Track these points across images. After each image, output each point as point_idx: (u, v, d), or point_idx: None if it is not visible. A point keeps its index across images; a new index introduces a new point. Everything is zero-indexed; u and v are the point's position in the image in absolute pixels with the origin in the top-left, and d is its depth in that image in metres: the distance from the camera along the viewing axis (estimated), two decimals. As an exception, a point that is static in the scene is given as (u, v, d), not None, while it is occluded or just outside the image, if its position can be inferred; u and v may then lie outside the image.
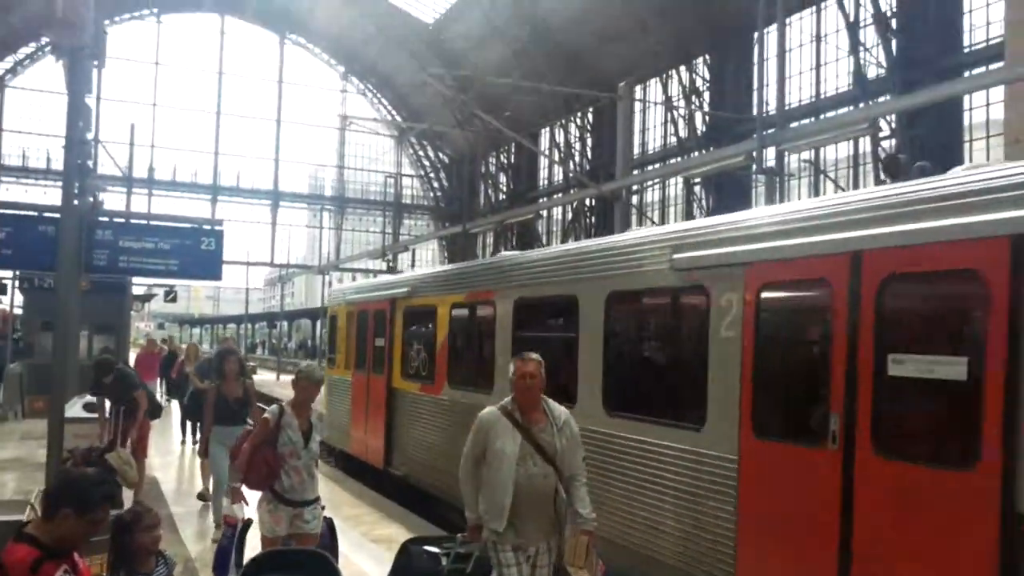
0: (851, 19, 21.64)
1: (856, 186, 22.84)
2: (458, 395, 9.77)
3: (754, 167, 13.29)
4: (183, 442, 14.51)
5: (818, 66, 23.95)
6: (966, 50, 20.36)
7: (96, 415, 9.17)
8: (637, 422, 6.56)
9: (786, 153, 14.25)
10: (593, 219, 33.93)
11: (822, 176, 23.19)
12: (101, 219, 11.63)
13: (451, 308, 10.23)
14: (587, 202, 32.63)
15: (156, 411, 10.42)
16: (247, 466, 5.64)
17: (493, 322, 9.01)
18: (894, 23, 20.67)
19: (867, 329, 4.65)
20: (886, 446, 4.53)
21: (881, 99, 20.51)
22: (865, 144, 21.20)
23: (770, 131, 12.34)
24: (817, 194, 24.43)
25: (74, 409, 8.67)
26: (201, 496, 9.97)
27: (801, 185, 24.62)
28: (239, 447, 5.93)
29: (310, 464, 5.81)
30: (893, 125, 19.91)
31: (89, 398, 9.24)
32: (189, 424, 14.15)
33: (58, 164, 39.07)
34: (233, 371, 8.45)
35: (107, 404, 9.41)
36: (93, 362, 10.71)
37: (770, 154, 13.62)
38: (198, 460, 10.78)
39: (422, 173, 48.20)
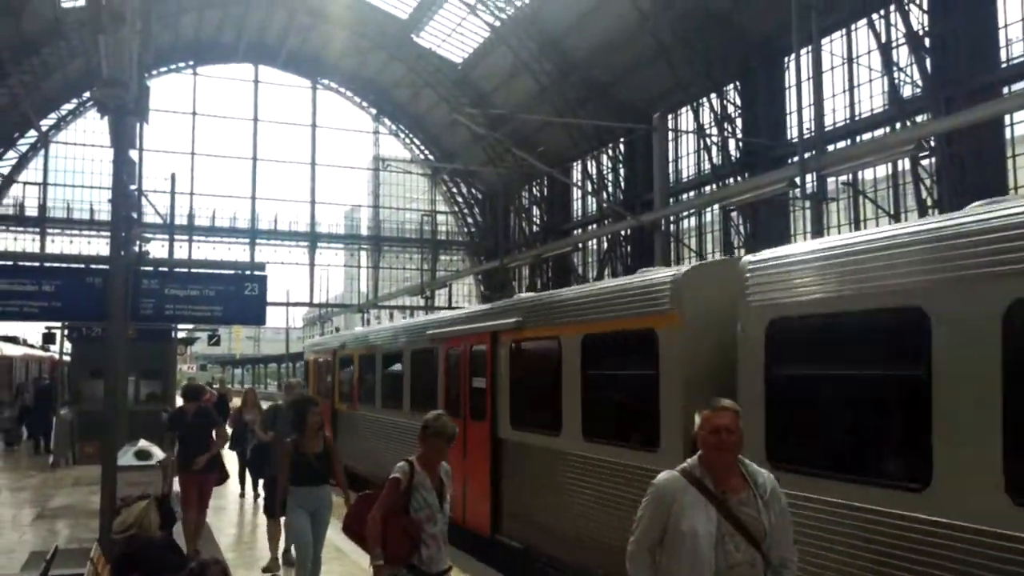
0: (883, 39, 21.49)
1: (896, 207, 22.53)
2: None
3: (795, 192, 13.16)
4: (242, 495, 13.32)
5: (851, 87, 23.77)
6: (1003, 65, 20.09)
7: (148, 462, 9.20)
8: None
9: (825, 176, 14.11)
10: (629, 248, 33.84)
11: (861, 198, 22.90)
12: (146, 268, 11.86)
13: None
14: (622, 232, 32.57)
15: (223, 475, 9.72)
16: (383, 538, 4.88)
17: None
18: (927, 41, 20.49)
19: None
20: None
21: (919, 118, 20.28)
22: (905, 163, 20.92)
23: (810, 154, 12.22)
24: (857, 216, 24.15)
25: (126, 457, 8.74)
26: (268, 569, 8.92)
27: (840, 208, 24.36)
28: (357, 516, 5.23)
29: (445, 529, 5.13)
30: (932, 143, 19.65)
31: (142, 444, 9.30)
32: (249, 477, 13.11)
33: (101, 215, 40.11)
34: (315, 424, 7.52)
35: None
36: (182, 389, 10.92)
37: (809, 178, 13.50)
38: (261, 520, 9.88)
39: (455, 210, 48.57)
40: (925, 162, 20.17)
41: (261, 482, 11.45)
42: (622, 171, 35.11)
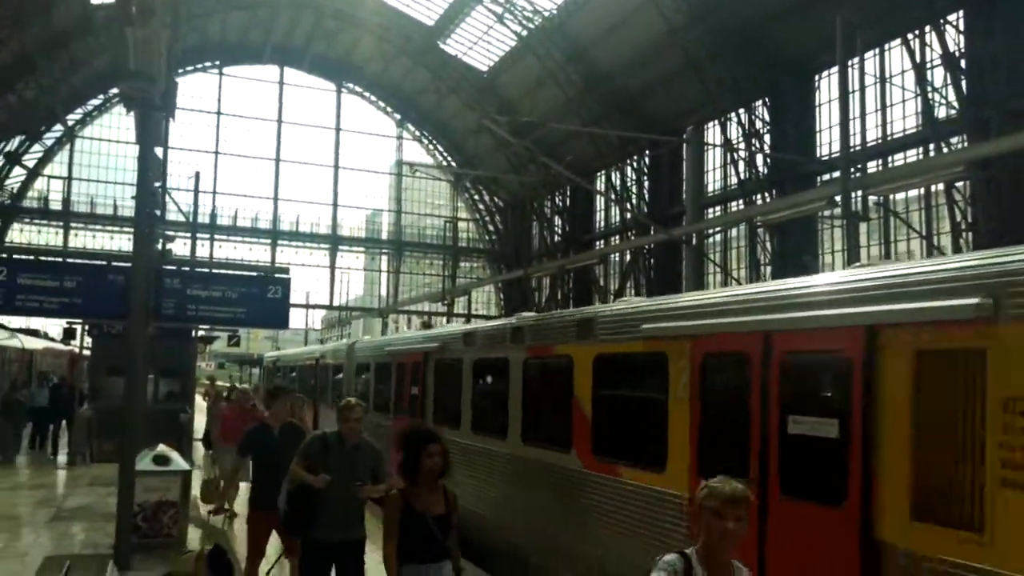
0: (918, 59, 21.17)
1: (929, 228, 22.14)
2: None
3: (828, 211, 12.88)
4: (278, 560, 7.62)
5: (884, 107, 23.43)
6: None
7: (166, 467, 8.99)
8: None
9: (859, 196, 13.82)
10: (652, 261, 33.55)
11: (892, 218, 22.54)
12: (169, 267, 11.72)
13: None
14: (645, 246, 32.31)
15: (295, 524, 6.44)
16: None
17: None
18: (963, 63, 20.15)
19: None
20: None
21: (954, 139, 19.92)
22: (939, 184, 20.55)
23: (856, 173, 11.96)
24: (887, 236, 23.77)
25: (144, 462, 8.57)
26: None
27: (869, 228, 24.00)
28: None
29: None
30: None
31: (162, 449, 9.11)
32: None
33: (124, 210, 40.27)
34: (435, 469, 5.05)
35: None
36: (267, 391, 9.95)
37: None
38: None
39: (477, 217, 48.46)
40: (959, 184, 19.80)
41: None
42: (647, 183, 34.86)
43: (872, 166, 22.96)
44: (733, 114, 28.31)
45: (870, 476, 5.02)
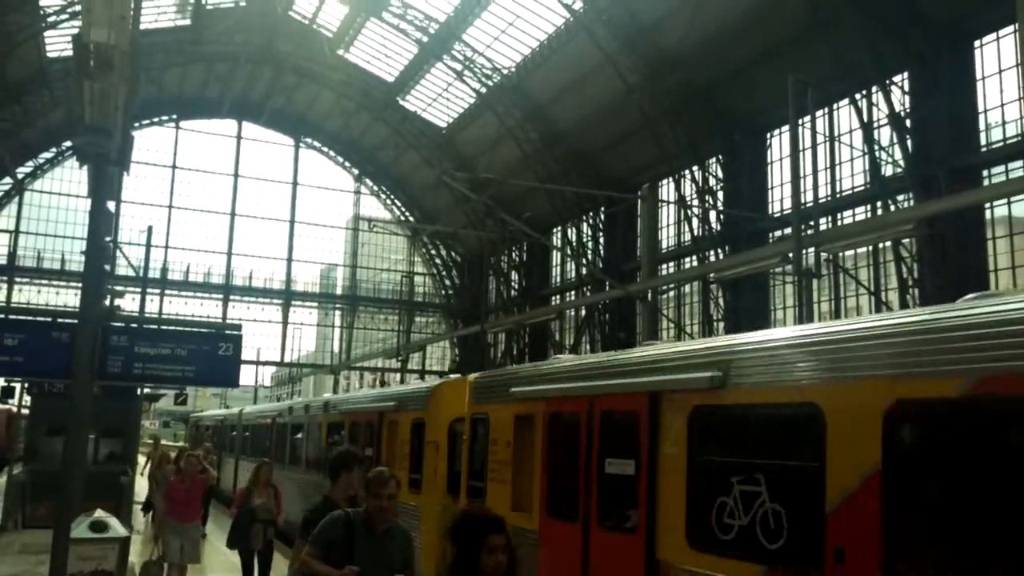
0: (865, 119, 21.81)
1: (877, 284, 22.56)
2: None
3: (780, 268, 13.05)
4: None
5: (833, 165, 24.04)
6: (983, 148, 20.40)
7: (104, 534, 8.56)
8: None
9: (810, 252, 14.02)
10: (607, 316, 33.65)
11: (842, 274, 22.95)
12: (116, 324, 11.35)
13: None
14: (600, 302, 32.44)
15: None
16: None
17: None
18: (908, 123, 20.80)
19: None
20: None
21: (900, 197, 20.45)
22: (886, 240, 21.01)
23: (810, 231, 12.16)
24: (837, 292, 24.16)
25: (80, 528, 8.13)
26: None
27: (819, 285, 24.39)
28: None
29: None
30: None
31: (99, 515, 8.65)
32: None
33: (72, 265, 39.38)
34: (499, 570, 3.68)
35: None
36: (334, 458, 6.22)
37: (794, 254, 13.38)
38: None
39: (434, 271, 48.36)
40: (906, 240, 20.26)
41: None
42: (602, 239, 35.16)
43: (823, 223, 23.46)
44: (687, 171, 28.82)
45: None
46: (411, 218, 47.19)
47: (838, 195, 24.04)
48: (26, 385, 20.23)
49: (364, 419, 14.21)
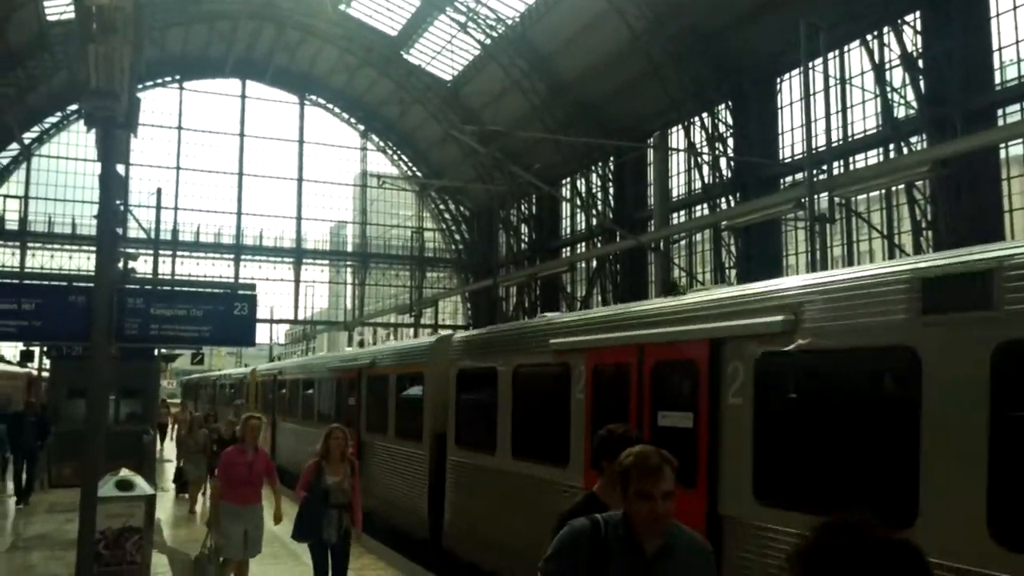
0: (877, 60, 21.47)
1: (891, 228, 22.42)
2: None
3: (796, 213, 12.97)
4: None
5: (844, 108, 23.72)
6: (997, 87, 20.08)
7: (129, 492, 8.69)
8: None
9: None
10: (618, 267, 33.63)
11: (854, 219, 22.79)
12: (132, 287, 11.46)
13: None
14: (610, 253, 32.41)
15: None
16: None
17: None
18: (920, 63, 20.47)
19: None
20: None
21: (913, 139, 20.21)
22: (899, 184, 20.83)
23: (822, 175, 12.06)
24: (850, 238, 24.03)
25: (107, 487, 8.28)
26: None
27: (830, 229, 24.24)
28: None
29: None
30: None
31: (125, 474, 8.80)
32: None
33: (83, 229, 39.52)
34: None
35: None
36: (598, 436, 5.55)
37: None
38: None
39: (443, 227, 48.31)
40: (919, 183, 20.07)
41: None
42: (612, 189, 34.97)
43: (835, 167, 23.26)
44: (696, 119, 28.52)
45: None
46: (419, 173, 47.00)
47: (850, 139, 23.77)
48: (44, 349, 20.47)
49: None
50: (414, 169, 47.62)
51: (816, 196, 11.23)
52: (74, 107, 39.56)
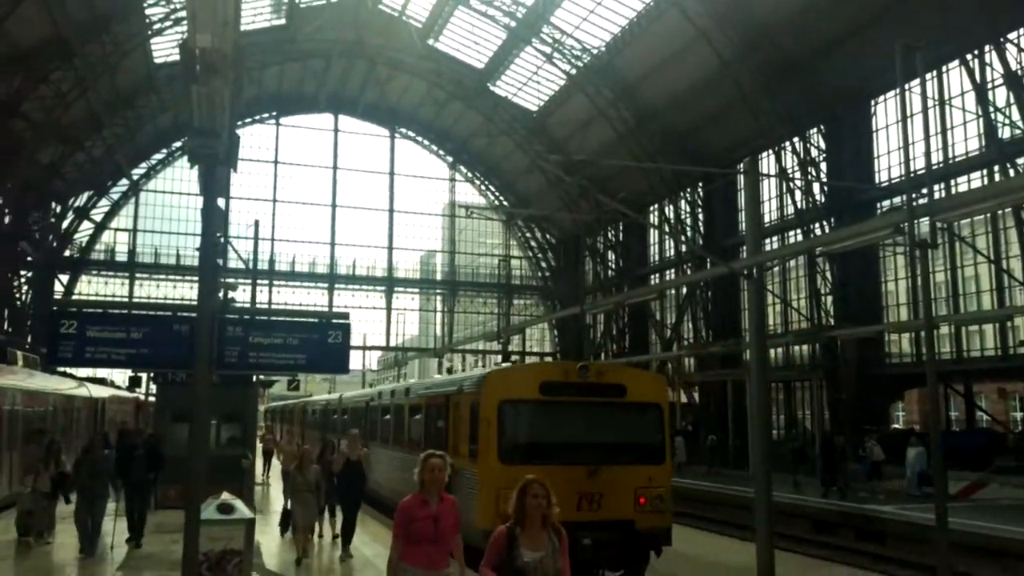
0: (979, 80, 20.68)
1: (996, 253, 21.43)
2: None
3: (894, 239, 12.53)
4: None
5: (944, 130, 22.88)
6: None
7: (230, 515, 8.98)
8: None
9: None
10: (709, 294, 33.10)
11: (958, 243, 21.87)
12: (231, 316, 11.87)
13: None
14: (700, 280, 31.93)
15: None
16: None
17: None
18: (1026, 80, 19.62)
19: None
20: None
21: (1020, 160, 19.31)
22: (1007, 207, 19.91)
23: (922, 200, 11.66)
24: (954, 263, 23.06)
25: (209, 511, 8.57)
26: None
27: (932, 254, 23.30)
28: None
29: None
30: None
31: (226, 497, 9.09)
32: None
33: (186, 259, 41.35)
34: None
35: None
36: None
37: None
38: None
39: (530, 254, 48.56)
40: (1028, 206, 19.15)
41: None
42: (700, 216, 34.54)
43: (936, 190, 22.42)
44: (787, 144, 27.97)
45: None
46: (505, 203, 47.48)
47: (951, 161, 22.89)
48: (151, 375, 21.35)
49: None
50: (501, 199, 48.14)
51: (916, 221, 10.81)
52: (178, 144, 41.61)
